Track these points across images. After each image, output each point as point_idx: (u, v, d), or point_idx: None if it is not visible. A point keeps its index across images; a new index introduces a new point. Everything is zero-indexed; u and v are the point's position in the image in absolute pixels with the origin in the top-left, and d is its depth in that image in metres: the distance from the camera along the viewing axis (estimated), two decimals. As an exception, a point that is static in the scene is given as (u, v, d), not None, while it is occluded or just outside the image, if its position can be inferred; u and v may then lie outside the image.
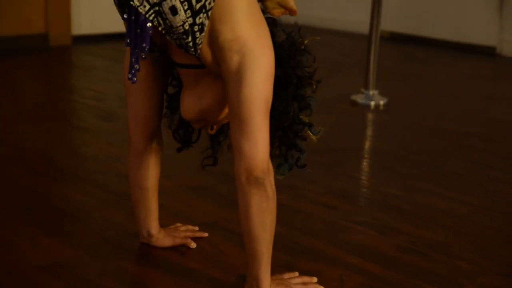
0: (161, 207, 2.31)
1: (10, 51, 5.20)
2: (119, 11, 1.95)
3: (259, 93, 1.85)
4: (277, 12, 2.11)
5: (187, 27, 1.85)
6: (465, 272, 2.19)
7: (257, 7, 1.94)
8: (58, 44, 5.48)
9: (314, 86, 2.09)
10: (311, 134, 2.10)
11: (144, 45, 1.89)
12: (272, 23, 2.05)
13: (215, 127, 2.12)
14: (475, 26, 5.82)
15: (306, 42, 2.08)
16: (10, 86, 4.45)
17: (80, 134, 3.59)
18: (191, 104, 2.04)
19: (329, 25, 6.74)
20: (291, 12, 2.12)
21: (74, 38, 5.59)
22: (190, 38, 1.86)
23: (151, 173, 2.22)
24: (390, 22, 5.95)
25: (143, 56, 1.91)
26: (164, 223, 2.34)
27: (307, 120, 2.09)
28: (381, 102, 4.13)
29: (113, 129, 3.46)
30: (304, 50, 2.06)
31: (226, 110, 2.04)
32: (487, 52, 5.74)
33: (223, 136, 2.19)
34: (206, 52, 1.91)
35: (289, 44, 2.05)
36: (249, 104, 1.83)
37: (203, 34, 1.87)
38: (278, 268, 2.07)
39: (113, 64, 4.71)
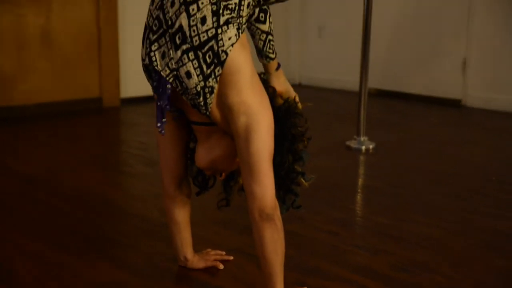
0: (194, 236, 2.31)
1: (72, 112, 5.25)
2: (146, 75, 1.99)
3: (264, 146, 1.86)
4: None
5: (199, 89, 1.86)
6: (443, 285, 2.18)
7: (257, 77, 1.96)
8: (109, 106, 5.52)
9: (306, 142, 2.09)
10: (303, 181, 2.09)
11: (161, 102, 1.91)
12: (273, 92, 2.08)
13: (223, 174, 2.12)
14: (444, 83, 5.83)
15: (300, 107, 2.10)
16: (72, 140, 4.48)
17: (128, 178, 3.61)
18: (203, 155, 2.05)
19: (327, 84, 6.76)
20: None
21: (122, 100, 5.64)
22: (201, 99, 1.88)
23: (182, 210, 2.22)
24: (375, 81, 5.97)
25: (167, 108, 1.93)
26: (197, 249, 2.34)
27: (300, 170, 2.08)
28: (371, 147, 4.13)
29: (154, 173, 3.46)
30: (298, 113, 2.08)
31: (232, 161, 2.06)
32: (454, 104, 5.74)
33: (233, 182, 2.19)
34: (216, 112, 1.92)
35: (285, 108, 2.07)
36: (257, 156, 1.85)
37: (212, 95, 1.88)
38: (291, 285, 2.07)
39: (153, 120, 4.64)
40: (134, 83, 5.62)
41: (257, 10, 2.07)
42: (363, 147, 4.12)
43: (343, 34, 6.56)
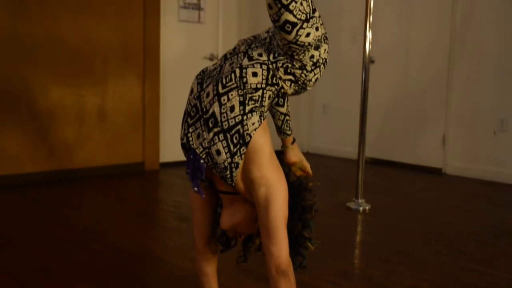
0: (221, 284, 2.29)
1: (119, 174, 5.30)
2: (183, 151, 2.01)
3: (280, 214, 1.86)
4: (298, 173, 2.16)
5: (226, 164, 1.88)
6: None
7: (275, 156, 1.97)
8: (150, 169, 5.56)
9: (313, 213, 2.07)
10: (310, 246, 2.07)
11: (200, 174, 1.93)
12: (288, 169, 2.09)
13: (243, 236, 2.10)
14: (427, 153, 5.84)
15: (310, 184, 2.10)
16: (119, 197, 4.49)
17: (165, 231, 3.59)
18: (227, 219, 2.04)
19: (330, 153, 6.78)
20: (308, 174, 2.17)
21: (161, 164, 5.68)
22: (228, 172, 1.89)
23: (209, 263, 2.19)
24: (370, 151, 5.98)
25: (200, 181, 1.95)
26: (223, 296, 2.32)
27: (308, 236, 2.06)
28: (367, 208, 4.11)
29: (188, 228, 3.46)
30: (308, 189, 2.08)
31: (251, 225, 2.04)
32: (436, 172, 5.72)
33: (251, 243, 2.16)
34: (240, 183, 1.93)
35: (298, 183, 2.07)
36: (275, 222, 1.85)
37: (238, 170, 1.89)
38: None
39: (187, 182, 4.72)
40: (171, 150, 5.67)
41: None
42: (361, 208, 4.10)
43: (344, 111, 6.61)
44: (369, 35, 4.11)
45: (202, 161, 1.92)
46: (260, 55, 1.93)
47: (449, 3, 5.61)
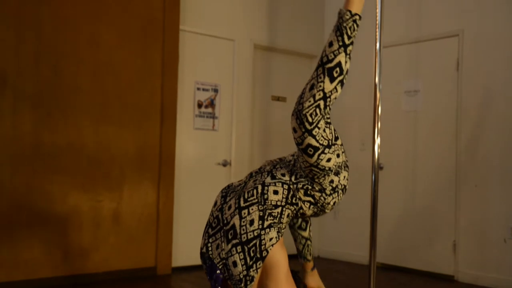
0: None
1: (131, 279, 5.20)
2: (202, 261, 2.01)
3: None
4: None
5: (241, 277, 1.87)
6: None
7: (290, 274, 1.95)
8: (162, 273, 5.46)
9: None
10: None
11: (216, 284, 1.91)
12: (304, 286, 2.07)
13: None
14: (438, 260, 5.72)
15: None
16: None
17: None
18: None
19: (340, 257, 6.66)
20: None
21: (173, 268, 5.58)
22: (243, 285, 1.88)
23: None
24: (380, 256, 5.88)
25: None
26: None
27: None
28: (380, 317, 3.97)
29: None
30: None
31: None
32: (447, 279, 5.58)
33: None
34: None
35: None
36: None
37: (252, 283, 1.88)
38: None
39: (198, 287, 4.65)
40: (183, 255, 5.60)
41: (300, 219, 2.12)
42: (374, 318, 3.96)
43: (354, 216, 6.57)
44: (377, 140, 4.16)
45: (218, 271, 1.91)
46: (283, 175, 1.98)
47: (454, 111, 5.73)
